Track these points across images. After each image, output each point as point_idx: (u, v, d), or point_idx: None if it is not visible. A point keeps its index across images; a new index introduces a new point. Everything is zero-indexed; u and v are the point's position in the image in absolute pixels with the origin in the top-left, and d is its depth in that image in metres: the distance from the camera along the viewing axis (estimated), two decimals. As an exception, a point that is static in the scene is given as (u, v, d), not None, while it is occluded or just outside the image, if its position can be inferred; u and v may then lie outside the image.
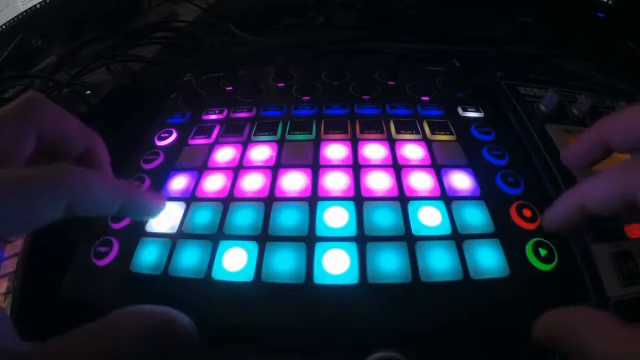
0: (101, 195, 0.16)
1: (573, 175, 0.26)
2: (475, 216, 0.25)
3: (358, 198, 0.26)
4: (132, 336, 0.13)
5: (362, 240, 0.24)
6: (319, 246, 0.23)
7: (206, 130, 0.33)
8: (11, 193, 0.13)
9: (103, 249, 0.25)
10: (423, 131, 0.32)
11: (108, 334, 0.12)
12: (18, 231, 0.14)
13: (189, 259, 0.24)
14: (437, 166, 0.28)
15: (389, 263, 0.23)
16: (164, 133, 0.34)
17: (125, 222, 0.26)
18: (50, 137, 0.18)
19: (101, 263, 0.24)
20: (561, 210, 0.19)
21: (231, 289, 0.22)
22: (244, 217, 0.25)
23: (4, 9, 0.52)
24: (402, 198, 0.26)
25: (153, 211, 0.20)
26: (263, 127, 0.33)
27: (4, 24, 0.53)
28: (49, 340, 0.12)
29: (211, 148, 0.31)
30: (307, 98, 0.37)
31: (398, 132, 0.32)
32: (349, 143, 0.31)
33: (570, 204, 0.18)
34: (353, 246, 0.23)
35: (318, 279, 0.22)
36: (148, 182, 0.29)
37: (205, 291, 0.22)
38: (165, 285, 0.23)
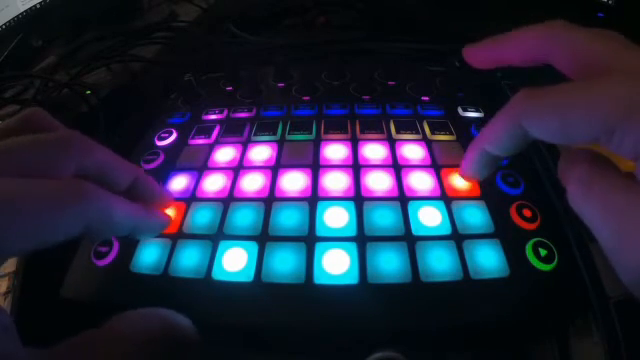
0: (119, 219, 0.15)
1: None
2: (475, 216, 0.25)
3: (358, 198, 0.26)
4: (132, 344, 0.13)
5: (362, 240, 0.24)
6: (319, 246, 0.23)
7: (206, 130, 0.33)
8: (30, 205, 0.12)
9: (103, 249, 0.25)
10: (423, 131, 0.32)
11: (107, 343, 0.12)
12: (28, 247, 0.13)
13: (189, 259, 0.24)
14: (437, 166, 0.28)
15: (389, 263, 0.23)
16: (164, 133, 0.34)
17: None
18: (92, 173, 0.17)
19: (101, 263, 0.24)
20: (468, 159, 0.19)
21: (231, 289, 0.22)
22: (244, 217, 0.25)
23: (4, 9, 0.52)
24: (402, 198, 0.26)
25: (159, 231, 0.20)
26: (263, 127, 0.33)
27: (4, 24, 0.53)
28: (49, 349, 0.12)
29: (211, 148, 0.31)
30: (307, 98, 0.37)
31: (398, 132, 0.32)
32: (349, 143, 0.31)
33: (474, 151, 0.18)
34: (353, 246, 0.23)
35: (318, 279, 0.22)
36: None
37: (205, 291, 0.22)
38: (165, 285, 0.23)
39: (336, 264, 0.23)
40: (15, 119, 0.16)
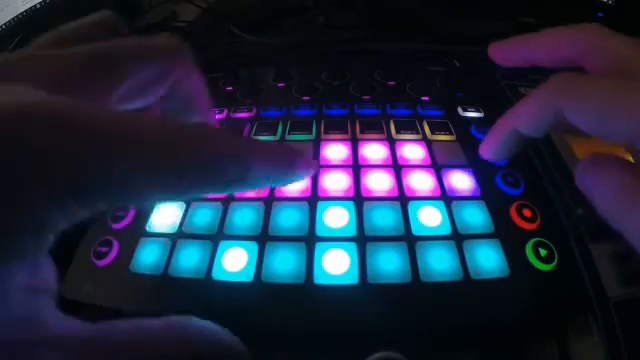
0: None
1: (572, 175, 0.26)
2: (475, 216, 0.25)
3: (358, 198, 0.26)
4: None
5: (362, 240, 0.24)
6: (319, 246, 0.23)
7: (206, 130, 0.33)
8: None
9: (103, 249, 0.25)
10: (423, 131, 0.32)
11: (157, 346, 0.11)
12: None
13: (189, 259, 0.24)
14: (437, 166, 0.28)
15: (389, 263, 0.23)
16: (164, 133, 0.34)
17: (125, 222, 0.26)
18: (179, 94, 0.16)
19: (101, 263, 0.24)
20: (494, 137, 0.18)
21: (231, 289, 0.22)
22: (244, 217, 0.25)
23: (4, 9, 0.52)
24: (402, 198, 0.26)
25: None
26: (263, 127, 0.33)
27: (4, 24, 0.53)
28: (95, 325, 0.11)
29: (211, 148, 0.31)
30: (307, 98, 0.37)
31: (398, 132, 0.32)
32: (349, 143, 0.31)
33: (502, 129, 0.18)
34: (353, 246, 0.23)
35: (318, 279, 0.22)
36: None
37: (205, 291, 0.22)
38: (165, 285, 0.23)
39: (336, 264, 0.23)
40: (89, 20, 0.15)
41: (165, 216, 0.26)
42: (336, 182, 0.27)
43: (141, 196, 0.11)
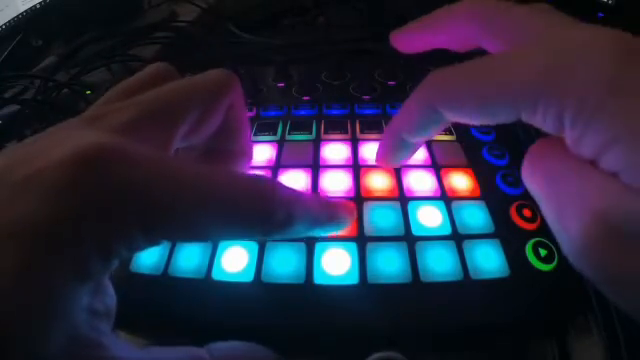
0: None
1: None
2: (475, 216, 0.25)
3: (358, 198, 0.26)
4: None
5: (362, 240, 0.24)
6: (319, 246, 0.23)
7: (206, 130, 0.33)
8: None
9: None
10: (423, 131, 0.32)
11: None
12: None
13: (189, 259, 0.24)
14: (437, 166, 0.28)
15: (389, 263, 0.23)
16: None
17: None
18: (226, 123, 0.17)
19: (101, 263, 0.24)
20: (384, 147, 0.18)
21: (231, 289, 0.22)
22: (244, 217, 0.25)
23: (4, 9, 0.52)
24: (402, 198, 0.26)
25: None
26: (263, 127, 0.33)
27: (4, 24, 0.53)
28: (148, 352, 0.11)
29: (211, 148, 0.31)
30: (307, 98, 0.37)
31: (398, 132, 0.32)
32: (349, 143, 0.31)
33: (390, 138, 0.17)
34: (353, 246, 0.23)
35: (318, 279, 0.22)
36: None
37: (205, 291, 0.22)
38: (165, 285, 0.23)
39: (336, 264, 0.23)
40: (148, 71, 0.16)
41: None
42: (336, 182, 0.27)
43: (202, 236, 0.13)
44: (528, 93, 0.12)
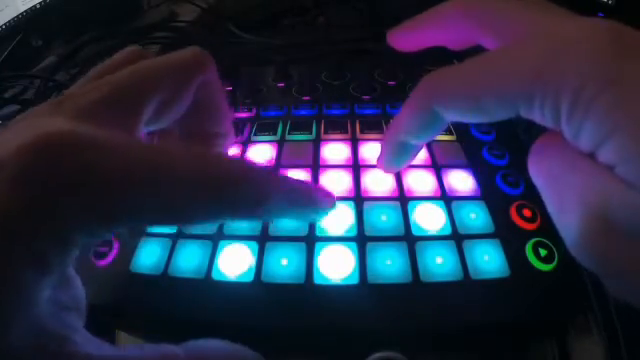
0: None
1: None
2: (475, 216, 0.25)
3: (358, 198, 0.26)
4: None
5: (362, 240, 0.24)
6: (319, 246, 0.23)
7: (206, 130, 0.33)
8: None
9: (103, 249, 0.25)
10: (423, 131, 0.32)
11: None
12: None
13: (189, 259, 0.24)
14: (437, 166, 0.28)
15: (389, 263, 0.23)
16: (164, 133, 0.34)
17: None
18: (201, 104, 0.16)
19: (101, 263, 0.24)
20: (385, 152, 0.18)
21: (231, 289, 0.22)
22: (244, 217, 0.25)
23: (4, 9, 0.52)
24: (402, 198, 0.26)
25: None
26: (263, 127, 0.33)
27: (4, 24, 0.53)
28: (120, 350, 0.11)
29: (211, 148, 0.31)
30: (307, 98, 0.37)
31: (398, 132, 0.32)
32: (349, 143, 0.31)
33: (390, 143, 0.17)
34: (353, 246, 0.23)
35: (318, 279, 0.22)
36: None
37: (205, 291, 0.22)
38: (165, 285, 0.23)
39: (336, 264, 0.23)
40: (115, 57, 0.16)
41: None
42: (336, 182, 0.27)
43: (163, 220, 0.12)
44: (523, 88, 0.12)
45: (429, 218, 0.25)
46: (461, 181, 0.27)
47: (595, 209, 0.11)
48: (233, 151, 0.31)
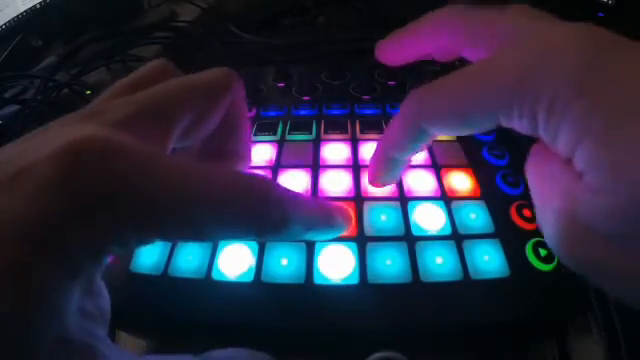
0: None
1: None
2: (475, 216, 0.25)
3: (358, 198, 0.26)
4: None
5: (362, 240, 0.24)
6: (319, 246, 0.23)
7: (206, 130, 0.33)
8: None
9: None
10: (423, 131, 0.32)
11: None
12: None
13: (189, 259, 0.24)
14: (437, 166, 0.28)
15: (389, 263, 0.23)
16: (164, 133, 0.34)
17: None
18: (226, 124, 0.16)
19: (101, 263, 0.24)
20: (374, 167, 0.18)
21: (231, 289, 0.22)
22: (244, 217, 0.25)
23: (4, 9, 0.52)
24: (402, 198, 0.26)
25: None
26: (263, 127, 0.33)
27: (4, 24, 0.53)
28: (143, 358, 0.11)
29: (211, 148, 0.31)
30: (307, 98, 0.37)
31: (398, 132, 0.32)
32: (349, 143, 0.31)
33: (379, 159, 0.18)
34: (353, 246, 0.23)
35: (318, 279, 0.22)
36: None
37: (205, 291, 0.22)
38: (165, 285, 0.23)
39: (336, 264, 0.23)
40: (144, 70, 0.16)
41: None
42: (336, 182, 0.27)
43: (195, 236, 0.12)
44: (502, 99, 0.12)
45: (429, 218, 0.25)
46: (461, 181, 0.27)
47: (566, 214, 0.12)
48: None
